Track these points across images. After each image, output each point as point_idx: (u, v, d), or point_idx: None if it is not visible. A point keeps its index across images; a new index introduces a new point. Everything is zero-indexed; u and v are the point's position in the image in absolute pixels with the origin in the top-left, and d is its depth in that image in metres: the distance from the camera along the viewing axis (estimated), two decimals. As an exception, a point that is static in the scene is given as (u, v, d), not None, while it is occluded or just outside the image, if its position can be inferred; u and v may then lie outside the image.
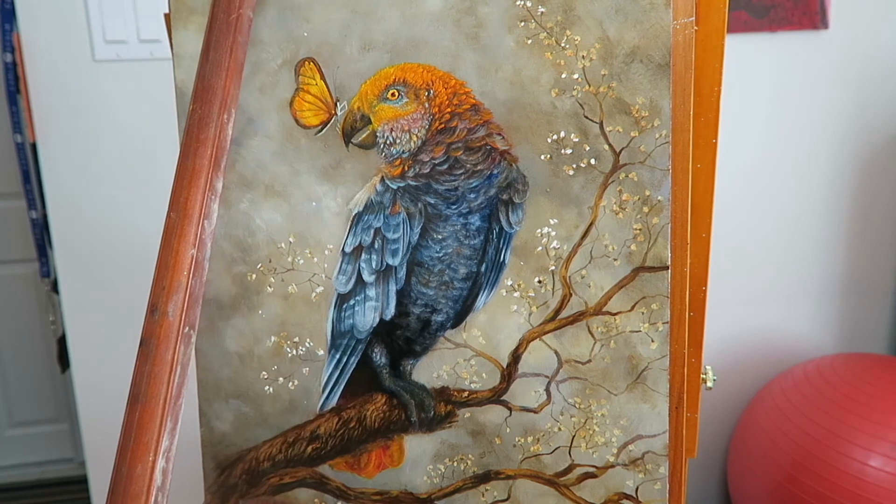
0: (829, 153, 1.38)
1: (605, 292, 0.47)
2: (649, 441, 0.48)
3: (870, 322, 1.47)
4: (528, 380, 0.48)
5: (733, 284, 1.41)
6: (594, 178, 0.45)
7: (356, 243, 0.48)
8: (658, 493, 0.49)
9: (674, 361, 0.47)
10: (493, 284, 0.47)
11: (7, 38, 1.15)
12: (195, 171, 0.40)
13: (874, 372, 1.21)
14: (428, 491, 0.51)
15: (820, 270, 1.43)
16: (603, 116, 0.45)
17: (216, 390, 0.50)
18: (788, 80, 1.33)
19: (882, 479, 1.08)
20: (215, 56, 0.42)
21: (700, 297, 0.48)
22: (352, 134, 0.47)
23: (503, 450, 0.50)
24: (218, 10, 0.43)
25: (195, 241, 0.40)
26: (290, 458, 0.51)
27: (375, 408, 0.50)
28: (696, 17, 0.44)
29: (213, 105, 0.42)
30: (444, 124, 0.46)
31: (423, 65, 0.46)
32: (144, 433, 0.34)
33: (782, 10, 1.28)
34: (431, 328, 0.48)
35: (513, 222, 0.47)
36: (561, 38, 0.44)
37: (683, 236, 0.46)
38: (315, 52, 0.46)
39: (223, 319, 0.49)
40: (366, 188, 0.47)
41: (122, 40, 1.17)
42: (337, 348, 0.49)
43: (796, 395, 1.25)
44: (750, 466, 1.29)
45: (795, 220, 1.40)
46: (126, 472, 0.33)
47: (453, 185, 0.46)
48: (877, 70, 1.34)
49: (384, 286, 0.48)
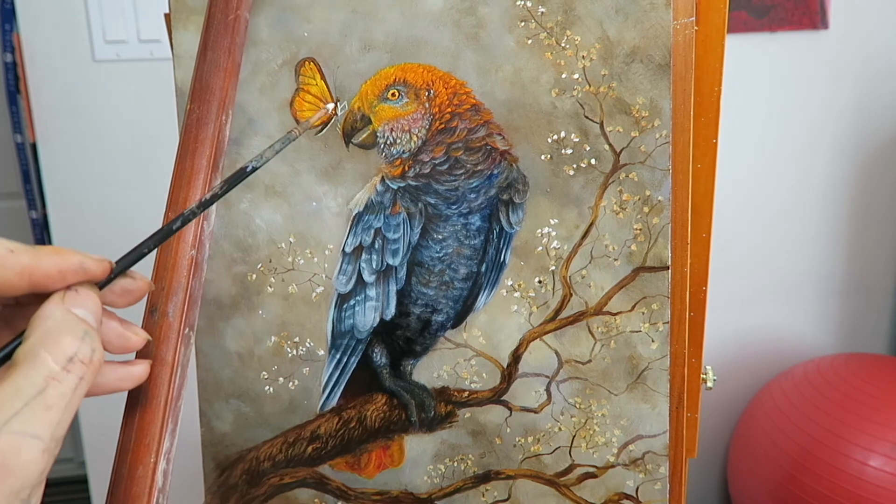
0: (829, 153, 1.38)
1: (606, 292, 0.47)
2: (649, 441, 0.48)
3: (870, 322, 1.47)
4: (528, 380, 0.48)
5: (733, 284, 1.41)
6: (594, 178, 0.45)
7: (356, 243, 0.48)
8: (658, 493, 0.49)
9: (674, 361, 0.47)
10: (493, 284, 0.47)
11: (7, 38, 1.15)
12: (194, 171, 0.40)
13: (874, 372, 1.21)
14: (428, 491, 0.51)
15: (820, 270, 1.43)
16: (603, 116, 0.45)
17: (216, 390, 0.50)
18: (788, 80, 1.33)
19: (882, 479, 1.08)
20: (213, 56, 0.42)
21: (700, 297, 0.48)
22: (352, 134, 0.47)
23: (503, 450, 0.49)
24: (215, 10, 0.43)
25: (194, 241, 0.39)
26: (290, 458, 0.51)
27: (376, 408, 0.50)
28: (697, 17, 0.44)
29: (212, 105, 0.42)
30: (445, 124, 0.46)
31: (424, 65, 0.46)
32: (145, 435, 0.34)
33: (782, 10, 1.28)
34: (432, 328, 0.48)
35: (513, 222, 0.47)
36: (561, 38, 0.44)
37: (684, 236, 0.46)
38: (315, 52, 0.46)
39: (223, 319, 0.49)
40: (366, 188, 0.47)
41: (122, 40, 1.17)
42: (337, 348, 0.49)
43: (796, 395, 1.25)
44: (750, 466, 1.29)
45: (795, 220, 1.40)
46: (127, 474, 0.33)
47: (454, 185, 0.46)
48: (876, 70, 1.34)
49: (384, 286, 0.48)
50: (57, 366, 0.26)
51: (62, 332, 0.26)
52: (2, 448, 0.24)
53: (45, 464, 0.25)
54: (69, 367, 0.26)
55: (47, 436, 0.25)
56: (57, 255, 0.28)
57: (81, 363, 0.26)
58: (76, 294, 0.28)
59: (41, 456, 0.25)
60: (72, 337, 0.27)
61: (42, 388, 0.25)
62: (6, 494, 0.24)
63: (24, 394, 0.25)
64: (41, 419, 0.25)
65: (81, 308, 0.28)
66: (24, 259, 0.27)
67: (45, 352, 0.26)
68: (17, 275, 0.27)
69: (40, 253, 0.28)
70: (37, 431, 0.25)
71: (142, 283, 0.32)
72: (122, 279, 0.31)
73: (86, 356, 0.27)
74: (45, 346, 0.26)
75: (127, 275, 0.32)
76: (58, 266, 0.28)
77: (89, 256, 0.29)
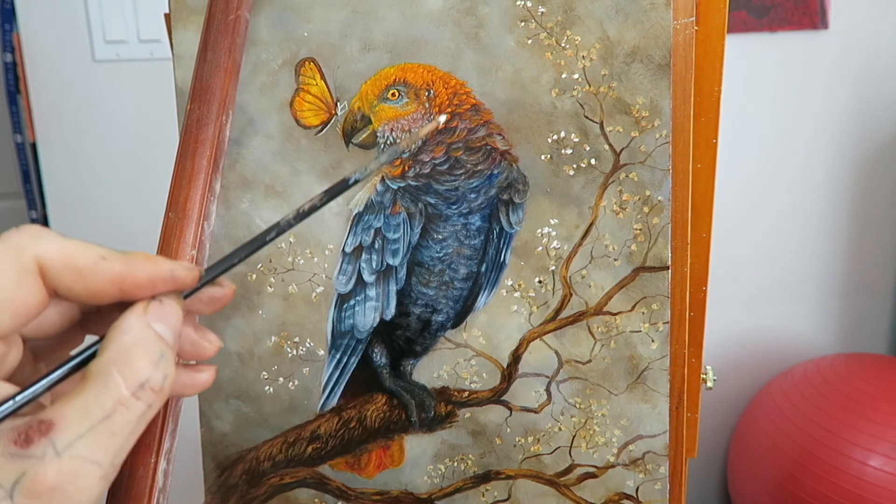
0: (829, 153, 1.37)
1: (606, 292, 0.47)
2: (649, 441, 0.48)
3: (870, 322, 1.47)
4: (528, 380, 0.48)
5: (733, 284, 1.41)
6: (594, 178, 0.45)
7: (356, 243, 0.48)
8: (658, 493, 0.49)
9: (674, 361, 0.47)
10: (493, 284, 0.47)
11: (7, 38, 1.15)
12: (194, 171, 0.40)
13: (874, 372, 1.21)
14: (428, 491, 0.51)
15: (820, 270, 1.43)
16: (603, 116, 0.45)
17: (216, 390, 0.50)
18: (788, 80, 1.33)
19: (882, 479, 1.08)
20: (213, 57, 0.42)
21: (700, 297, 0.48)
22: (352, 134, 0.47)
23: (503, 450, 0.49)
24: (216, 10, 0.43)
25: (194, 241, 0.39)
26: (290, 459, 0.51)
27: (376, 408, 0.50)
28: (697, 17, 0.44)
29: (212, 105, 0.42)
30: (445, 124, 0.46)
31: (424, 65, 0.46)
32: (146, 435, 0.34)
33: (782, 10, 1.28)
34: (432, 328, 0.48)
35: (513, 222, 0.47)
36: (561, 38, 0.44)
37: (684, 236, 0.46)
38: (315, 52, 0.46)
39: (223, 319, 0.49)
40: (366, 188, 0.47)
41: (122, 40, 1.17)
42: (337, 348, 0.49)
43: (796, 395, 1.25)
44: (750, 466, 1.29)
45: (795, 220, 1.40)
46: (127, 474, 0.33)
47: (454, 185, 0.46)
48: (877, 70, 1.33)
49: (384, 286, 0.48)
50: (128, 391, 0.25)
51: (139, 354, 0.26)
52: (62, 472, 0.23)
53: (101, 490, 0.24)
54: (139, 395, 0.25)
55: (107, 463, 0.24)
56: (149, 262, 0.27)
57: (152, 391, 0.25)
58: (160, 306, 0.27)
59: (98, 483, 0.24)
60: (147, 361, 0.26)
61: (110, 413, 0.24)
62: None
63: (92, 416, 0.24)
64: (104, 445, 0.24)
65: (162, 324, 0.27)
66: (116, 267, 0.27)
67: (118, 374, 0.25)
68: (108, 283, 0.26)
69: (132, 260, 0.27)
70: (98, 458, 0.24)
71: (228, 290, 0.31)
72: (210, 287, 0.30)
73: (157, 384, 0.26)
74: (118, 367, 0.25)
75: (214, 283, 0.30)
76: (149, 275, 0.27)
77: (180, 264, 0.28)
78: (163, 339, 0.27)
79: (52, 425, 0.24)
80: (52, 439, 0.23)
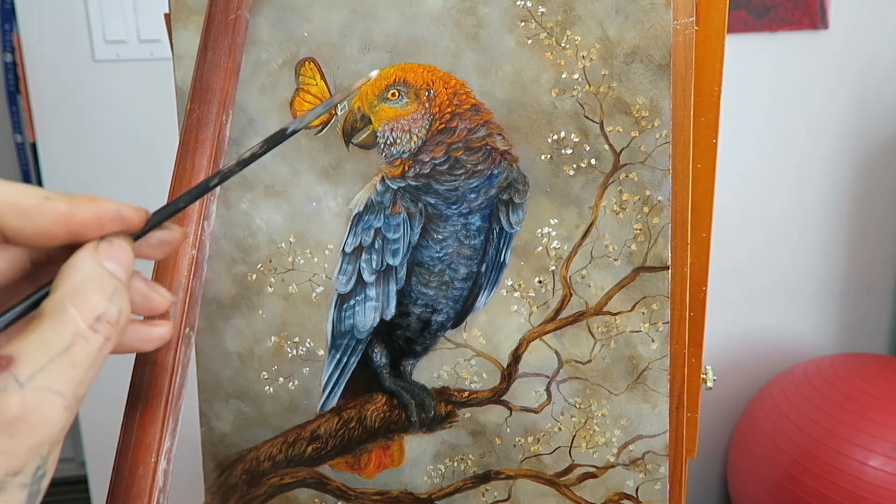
0: (829, 153, 1.38)
1: (606, 292, 0.47)
2: (649, 441, 0.48)
3: (870, 322, 1.47)
4: (528, 380, 0.48)
5: (733, 284, 1.41)
6: (594, 178, 0.45)
7: (356, 243, 0.48)
8: (658, 493, 0.49)
9: (674, 361, 0.47)
10: (493, 284, 0.47)
11: (7, 38, 1.15)
12: (194, 171, 0.40)
13: (874, 372, 1.21)
14: (428, 491, 0.51)
15: (820, 270, 1.43)
16: (603, 116, 0.45)
17: (216, 390, 0.50)
18: (788, 80, 1.33)
19: (882, 479, 1.08)
20: (213, 56, 0.42)
21: (700, 297, 0.48)
22: (352, 134, 0.47)
23: (503, 450, 0.49)
24: (216, 10, 0.43)
25: (195, 241, 0.40)
26: (290, 458, 0.51)
27: (376, 408, 0.50)
28: (697, 17, 0.44)
29: (212, 105, 0.42)
30: (445, 124, 0.46)
31: (424, 65, 0.46)
32: (146, 434, 0.34)
33: (782, 10, 1.28)
34: (432, 328, 0.48)
35: (513, 222, 0.47)
36: (561, 38, 0.44)
37: (684, 236, 0.46)
38: (315, 52, 0.46)
39: (223, 319, 0.49)
40: (366, 188, 0.47)
41: (122, 40, 1.17)
42: (337, 348, 0.49)
43: (796, 395, 1.25)
44: (750, 466, 1.29)
45: (795, 219, 1.40)
46: (127, 474, 0.33)
47: (454, 185, 0.46)
48: (877, 70, 1.34)
49: (384, 286, 0.48)
50: (84, 324, 0.25)
51: (92, 289, 0.26)
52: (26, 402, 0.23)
53: (65, 421, 0.25)
54: (96, 327, 0.26)
55: (70, 393, 0.25)
56: (94, 202, 0.27)
57: (108, 324, 0.26)
58: (110, 245, 0.27)
59: (63, 413, 0.24)
60: (101, 295, 0.26)
61: (69, 345, 0.25)
62: (26, 449, 0.23)
63: (51, 349, 0.24)
64: (66, 376, 0.25)
65: (113, 262, 0.27)
66: (60, 206, 0.27)
67: (74, 308, 0.25)
68: (54, 222, 0.27)
69: (76, 200, 0.27)
70: (60, 388, 0.24)
71: (177, 233, 0.31)
72: (158, 231, 0.30)
73: (112, 317, 0.26)
74: (73, 302, 0.25)
75: (162, 227, 0.31)
76: (95, 213, 0.27)
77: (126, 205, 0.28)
78: (115, 276, 0.27)
79: (13, 360, 0.24)
80: (13, 373, 0.24)
